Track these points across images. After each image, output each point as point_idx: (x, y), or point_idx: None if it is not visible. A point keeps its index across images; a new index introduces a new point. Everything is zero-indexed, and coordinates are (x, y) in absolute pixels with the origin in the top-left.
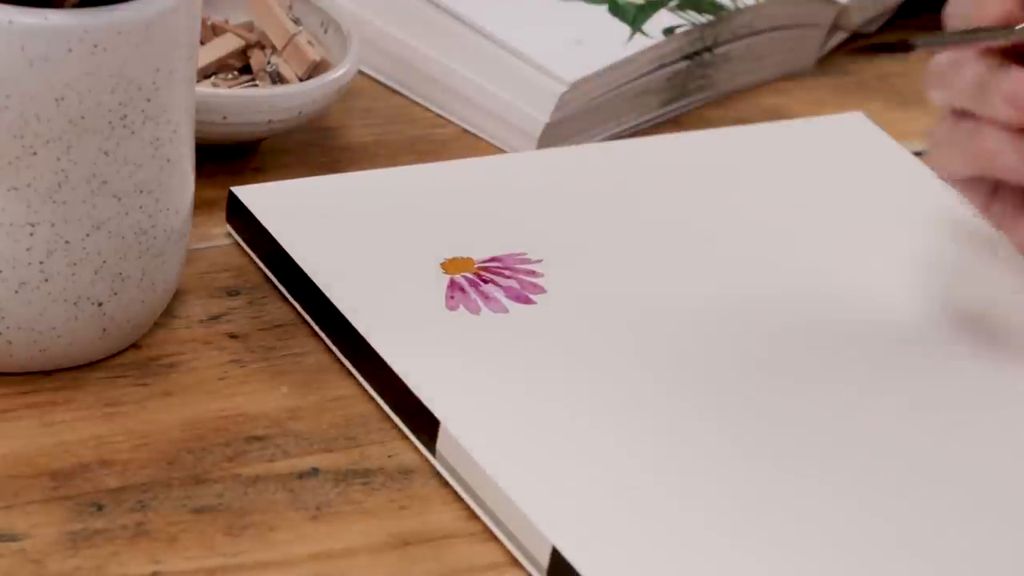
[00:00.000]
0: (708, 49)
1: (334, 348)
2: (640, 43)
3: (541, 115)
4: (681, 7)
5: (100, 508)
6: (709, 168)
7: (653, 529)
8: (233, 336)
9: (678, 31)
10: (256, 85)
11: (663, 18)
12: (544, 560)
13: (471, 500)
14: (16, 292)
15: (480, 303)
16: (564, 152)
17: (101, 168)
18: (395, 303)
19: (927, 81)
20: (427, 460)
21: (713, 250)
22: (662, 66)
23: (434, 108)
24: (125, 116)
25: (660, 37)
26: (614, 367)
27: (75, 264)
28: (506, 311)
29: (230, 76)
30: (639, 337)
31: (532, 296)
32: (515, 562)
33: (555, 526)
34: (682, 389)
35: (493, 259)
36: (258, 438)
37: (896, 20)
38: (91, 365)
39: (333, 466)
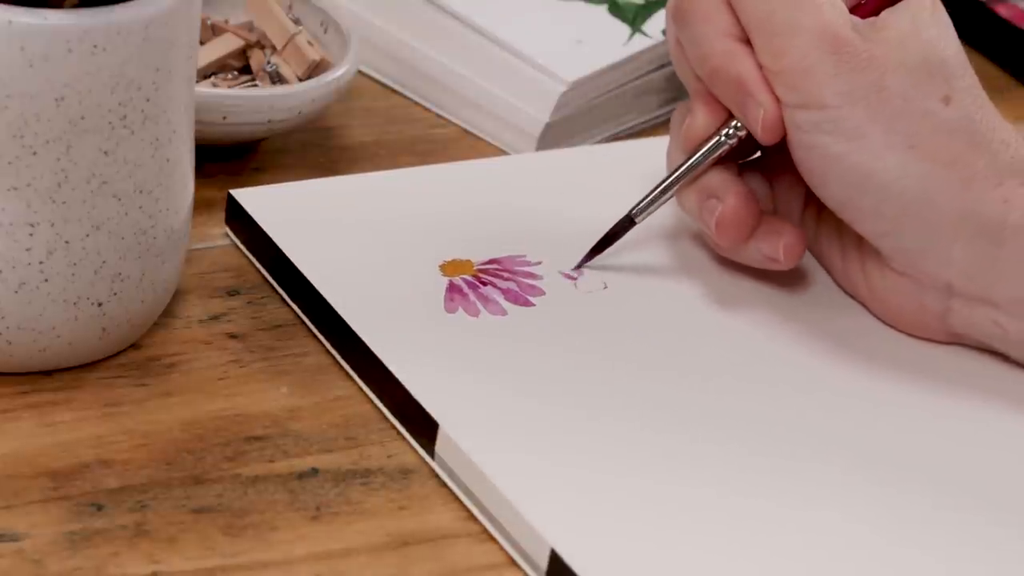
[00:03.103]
0: None
1: (334, 351)
2: (640, 43)
3: (541, 115)
4: None
5: (100, 508)
6: None
7: (652, 530)
8: (233, 336)
9: None
10: (256, 85)
11: (663, 18)
12: (543, 562)
13: (470, 502)
14: (16, 292)
15: (479, 305)
16: (564, 153)
17: (101, 168)
18: (394, 306)
19: None
20: (426, 460)
21: (713, 250)
22: (662, 66)
23: (434, 108)
24: (125, 116)
25: (660, 37)
26: (613, 369)
27: (75, 264)
28: (505, 313)
29: (230, 76)
30: (638, 338)
31: (531, 298)
32: (514, 563)
33: (554, 528)
34: (681, 391)
35: (492, 261)
36: (258, 438)
37: None
38: (91, 365)
39: (333, 466)
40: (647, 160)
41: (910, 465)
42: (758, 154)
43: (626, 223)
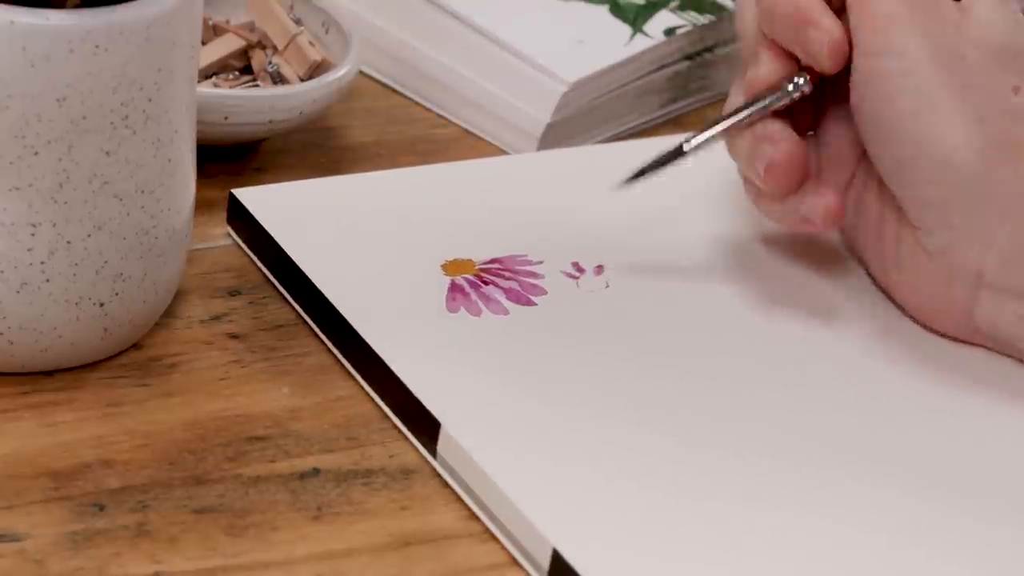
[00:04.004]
0: (709, 49)
1: (335, 350)
2: (641, 43)
3: (542, 115)
4: (682, 7)
5: (101, 508)
6: (709, 168)
7: (653, 530)
8: (234, 336)
9: (679, 31)
10: (257, 85)
11: (664, 18)
12: (545, 561)
13: (472, 502)
14: (17, 292)
15: (481, 305)
16: (565, 153)
17: (102, 168)
18: (396, 305)
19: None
20: (428, 460)
21: (715, 250)
22: (663, 66)
23: (435, 108)
24: (127, 116)
25: (661, 37)
26: (614, 369)
27: (76, 264)
28: (507, 313)
29: (231, 76)
30: (640, 338)
31: (533, 298)
32: (516, 562)
33: (555, 527)
34: (683, 390)
35: (494, 260)
36: (259, 438)
37: None
38: (92, 365)
39: (334, 466)
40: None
41: (923, 470)
42: (811, 133)
43: (676, 153)
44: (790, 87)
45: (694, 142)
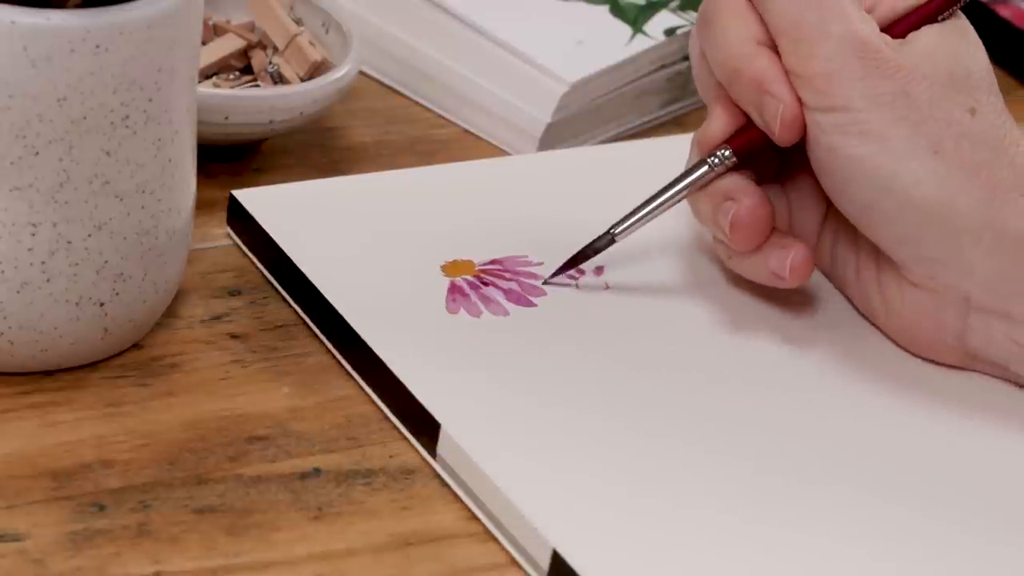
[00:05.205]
0: None
1: (335, 351)
2: (641, 44)
3: (542, 115)
4: (682, 8)
5: (102, 508)
6: None
7: (653, 531)
8: (235, 336)
9: (679, 32)
10: (257, 85)
11: (664, 19)
12: (544, 562)
13: (472, 503)
14: (18, 292)
15: (480, 306)
16: (565, 154)
17: (103, 168)
18: (396, 306)
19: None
20: (428, 460)
21: (716, 250)
22: (663, 67)
23: (435, 108)
24: (127, 116)
25: (661, 38)
26: (614, 370)
27: (77, 264)
28: (507, 314)
29: (231, 76)
30: (640, 338)
31: (533, 299)
32: (516, 563)
33: (555, 528)
34: (682, 392)
35: (494, 261)
36: (260, 438)
37: None
38: (93, 365)
39: (335, 466)
40: (648, 161)
41: (917, 468)
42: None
43: (606, 240)
44: (715, 160)
45: (623, 228)
